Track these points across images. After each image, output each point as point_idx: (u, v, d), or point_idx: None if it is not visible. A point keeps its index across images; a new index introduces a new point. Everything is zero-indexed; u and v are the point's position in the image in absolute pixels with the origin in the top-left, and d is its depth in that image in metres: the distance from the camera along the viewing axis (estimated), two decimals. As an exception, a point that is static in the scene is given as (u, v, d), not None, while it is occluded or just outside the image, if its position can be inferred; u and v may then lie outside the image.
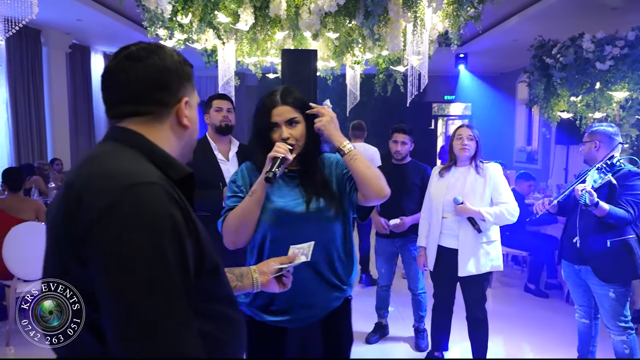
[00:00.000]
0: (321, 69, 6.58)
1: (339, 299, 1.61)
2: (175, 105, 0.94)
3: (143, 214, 0.74)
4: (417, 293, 3.28)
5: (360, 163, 1.52)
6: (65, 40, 7.20)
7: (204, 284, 0.84)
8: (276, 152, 1.47)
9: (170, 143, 0.94)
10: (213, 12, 3.90)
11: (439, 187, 2.76)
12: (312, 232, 1.51)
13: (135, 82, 0.90)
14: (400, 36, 4.24)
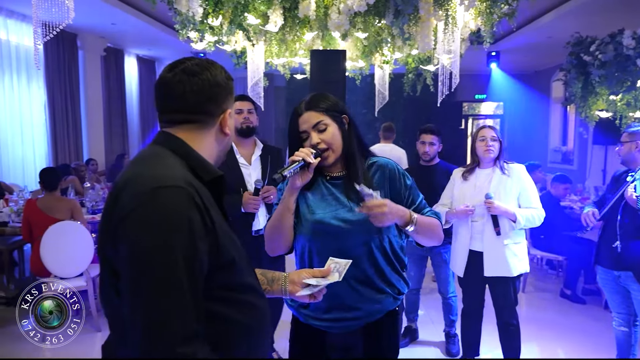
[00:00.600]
0: (350, 69, 6.55)
1: (381, 311, 1.52)
2: (220, 116, 1.07)
3: (161, 216, 0.86)
4: (447, 297, 3.22)
5: (423, 230, 1.50)
6: (100, 43, 7.41)
7: (222, 274, 0.95)
8: (295, 155, 1.42)
9: (212, 148, 1.08)
10: (243, 14, 3.93)
11: (465, 190, 2.70)
12: (357, 243, 1.46)
13: (190, 93, 1.02)
14: (431, 35, 4.17)
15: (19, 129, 6.02)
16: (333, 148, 1.47)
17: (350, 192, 1.48)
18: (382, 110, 9.64)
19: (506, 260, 2.57)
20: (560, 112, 9.60)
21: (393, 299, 1.54)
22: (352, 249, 1.45)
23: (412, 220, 1.46)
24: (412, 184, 1.57)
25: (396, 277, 1.55)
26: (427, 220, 1.51)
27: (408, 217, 1.46)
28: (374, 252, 1.48)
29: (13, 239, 4.41)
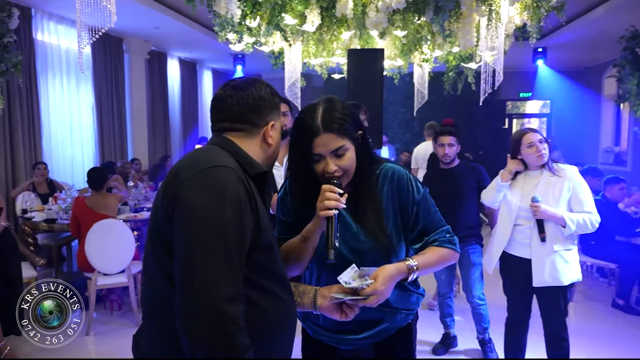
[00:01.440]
0: (388, 68, 6.45)
1: (391, 329, 1.43)
2: (264, 127, 1.19)
3: (216, 184, 0.99)
4: (476, 306, 3.04)
5: (425, 270, 1.36)
6: (144, 47, 7.65)
7: (258, 256, 1.05)
8: (327, 211, 1.23)
9: (255, 155, 1.18)
10: (280, 14, 3.93)
11: (511, 193, 2.55)
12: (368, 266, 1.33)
13: (236, 105, 1.17)
14: (473, 31, 4.02)
15: (68, 129, 6.29)
16: (349, 174, 1.33)
17: (361, 218, 1.36)
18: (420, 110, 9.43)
19: (556, 269, 2.41)
20: (613, 110, 9.09)
21: (405, 315, 1.45)
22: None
23: (410, 273, 1.31)
24: (422, 198, 1.39)
25: (407, 296, 1.43)
26: (430, 259, 1.35)
27: (406, 272, 1.31)
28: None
29: (62, 235, 4.60)
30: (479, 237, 3.03)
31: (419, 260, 1.34)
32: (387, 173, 1.39)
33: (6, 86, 4.95)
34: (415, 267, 1.32)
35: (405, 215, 1.38)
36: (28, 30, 5.35)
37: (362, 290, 1.23)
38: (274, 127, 1.21)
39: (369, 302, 1.24)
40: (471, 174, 3.00)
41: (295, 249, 1.34)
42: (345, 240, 1.35)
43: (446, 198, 2.98)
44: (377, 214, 1.35)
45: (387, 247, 1.35)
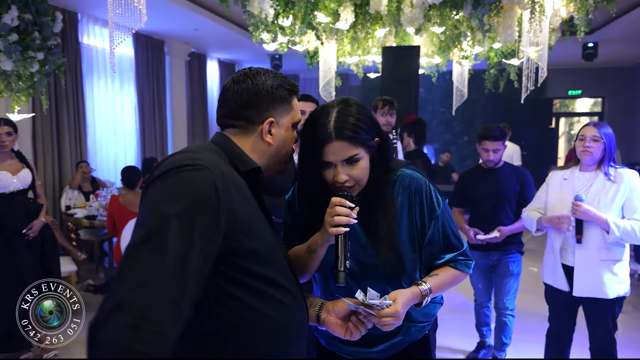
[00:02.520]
0: (425, 65, 6.29)
1: (405, 342, 1.34)
2: (260, 124, 1.10)
3: (178, 185, 0.91)
4: (505, 312, 2.87)
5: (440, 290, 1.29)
6: (185, 49, 7.84)
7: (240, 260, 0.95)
8: (336, 228, 1.12)
9: (254, 154, 1.11)
10: (312, 12, 3.89)
11: (561, 194, 2.38)
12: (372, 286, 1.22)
13: (231, 100, 1.10)
14: (515, 26, 3.84)
15: (112, 129, 6.54)
16: (361, 184, 1.22)
17: (368, 224, 1.25)
18: (460, 109, 9.14)
19: (601, 280, 2.23)
20: (672, 108, 8.49)
21: (421, 327, 1.36)
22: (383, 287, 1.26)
23: (424, 298, 1.24)
24: (442, 212, 1.27)
25: (426, 311, 1.33)
26: (443, 281, 1.28)
27: (419, 297, 1.23)
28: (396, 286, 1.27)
29: (103, 231, 4.77)
30: (519, 245, 2.87)
31: (432, 283, 1.26)
32: (405, 181, 1.28)
33: (53, 88, 5.19)
34: (428, 291, 1.24)
35: (422, 229, 1.28)
36: (74, 34, 5.60)
37: (380, 311, 1.15)
38: (275, 125, 1.11)
39: (384, 322, 1.15)
40: (515, 177, 2.83)
41: (301, 258, 1.26)
42: (352, 253, 1.23)
43: (485, 200, 2.85)
44: (389, 228, 1.24)
45: (396, 266, 1.25)
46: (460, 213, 2.99)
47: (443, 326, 3.64)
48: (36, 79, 3.64)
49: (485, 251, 2.86)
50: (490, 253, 2.86)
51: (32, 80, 3.63)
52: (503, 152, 2.80)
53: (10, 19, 3.22)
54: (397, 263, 1.24)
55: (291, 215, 1.35)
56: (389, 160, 1.29)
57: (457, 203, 3.01)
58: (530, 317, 3.00)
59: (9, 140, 3.07)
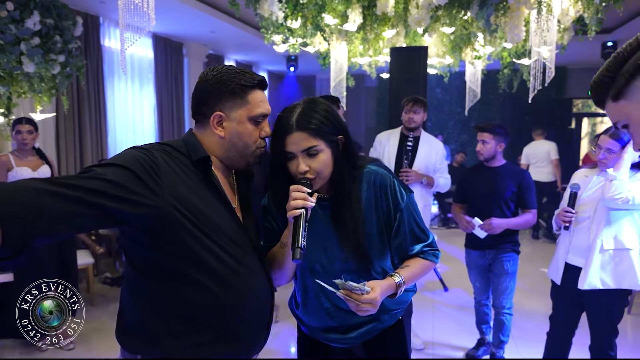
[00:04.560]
0: (438, 66, 6.30)
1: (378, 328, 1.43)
2: (210, 117, 1.18)
3: (119, 157, 1.09)
4: (502, 311, 2.89)
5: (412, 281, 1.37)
6: (203, 51, 8.03)
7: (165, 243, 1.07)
8: (294, 210, 1.19)
9: (213, 146, 1.21)
10: (320, 14, 3.98)
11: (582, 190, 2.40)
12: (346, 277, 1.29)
13: (193, 97, 1.22)
14: (522, 25, 3.84)
15: (131, 129, 6.76)
16: (321, 176, 1.28)
17: (337, 219, 1.33)
18: (477, 109, 9.09)
19: (608, 271, 2.23)
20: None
21: (392, 314, 1.44)
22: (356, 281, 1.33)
23: (399, 289, 1.31)
24: (406, 205, 1.34)
25: (398, 300, 1.39)
26: (415, 272, 1.35)
27: (394, 288, 1.30)
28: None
29: (120, 226, 4.95)
30: (515, 244, 2.88)
31: (406, 274, 1.33)
32: (370, 177, 1.35)
33: (76, 89, 5.41)
34: (402, 282, 1.31)
35: (389, 222, 1.35)
36: (96, 37, 5.83)
37: (360, 296, 1.21)
38: (225, 118, 1.18)
39: (361, 308, 1.21)
40: (514, 177, 2.85)
41: (276, 256, 1.32)
42: (325, 249, 1.34)
43: (482, 198, 2.89)
44: (355, 224, 1.31)
45: (361, 260, 1.32)
46: (461, 208, 3.03)
47: (444, 323, 3.69)
48: (57, 80, 3.83)
49: (481, 250, 2.90)
50: (486, 252, 2.89)
51: (54, 82, 3.82)
52: (494, 146, 2.83)
53: (32, 24, 3.41)
54: (361, 257, 1.32)
55: (268, 219, 1.40)
56: (355, 158, 1.35)
57: (458, 199, 3.07)
58: (531, 315, 3.01)
59: (29, 138, 3.27)
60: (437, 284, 4.54)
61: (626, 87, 0.86)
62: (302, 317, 1.48)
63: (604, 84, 0.89)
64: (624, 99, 0.88)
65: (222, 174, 1.25)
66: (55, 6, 3.67)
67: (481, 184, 2.89)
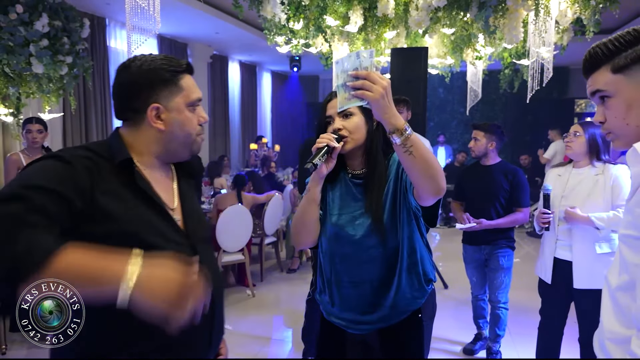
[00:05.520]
0: (440, 66, 6.36)
1: (396, 316, 1.46)
2: (146, 112, 1.08)
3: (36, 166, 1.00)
4: (498, 306, 2.95)
5: (420, 155, 1.19)
6: (207, 51, 8.12)
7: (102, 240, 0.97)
8: (319, 142, 1.33)
9: (150, 144, 1.11)
10: (322, 16, 4.05)
11: (555, 190, 2.47)
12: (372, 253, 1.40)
13: (115, 95, 1.10)
14: (520, 27, 3.90)
15: (137, 129, 6.86)
16: (353, 137, 1.38)
17: (372, 200, 1.42)
18: (480, 110, 9.13)
19: (599, 272, 2.27)
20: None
21: (409, 300, 1.46)
22: (368, 255, 1.42)
23: (403, 129, 1.16)
24: None
25: (415, 285, 1.46)
26: (427, 152, 1.23)
27: (401, 124, 1.17)
28: (390, 260, 1.42)
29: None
30: (509, 240, 2.95)
31: (415, 136, 1.20)
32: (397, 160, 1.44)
33: (82, 89, 5.52)
34: (408, 131, 1.18)
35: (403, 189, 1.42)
36: (103, 38, 5.93)
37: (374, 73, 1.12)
38: (163, 110, 1.08)
39: (366, 86, 1.11)
40: (505, 176, 2.92)
41: (299, 207, 1.45)
42: (354, 220, 1.43)
43: (477, 196, 2.96)
44: (380, 189, 1.41)
45: (379, 220, 1.40)
46: (460, 205, 3.11)
47: (443, 319, 3.74)
48: (65, 81, 3.93)
49: (477, 245, 2.96)
50: (482, 247, 2.96)
51: (62, 82, 3.92)
52: (485, 144, 2.90)
53: (41, 26, 3.50)
54: (379, 216, 1.41)
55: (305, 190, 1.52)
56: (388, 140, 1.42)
57: (456, 197, 3.16)
58: (528, 311, 3.07)
59: (39, 137, 3.37)
60: (437, 281, 4.61)
61: (632, 65, 0.90)
62: (323, 298, 1.54)
63: (610, 51, 0.91)
64: (622, 74, 0.91)
65: (158, 173, 1.15)
66: (63, 8, 3.77)
67: (476, 182, 2.97)
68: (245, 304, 4.15)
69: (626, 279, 0.91)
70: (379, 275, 1.43)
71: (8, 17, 3.38)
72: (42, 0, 3.57)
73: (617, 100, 0.93)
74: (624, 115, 0.93)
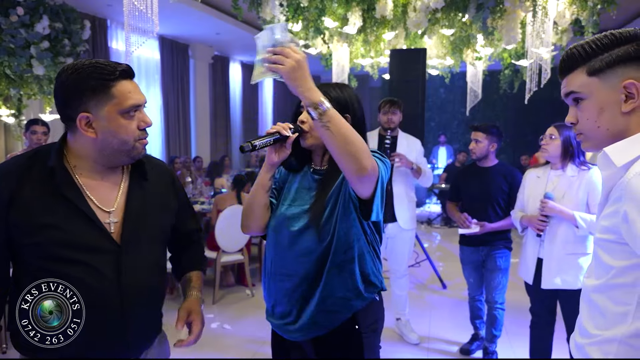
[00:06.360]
0: (440, 67, 6.38)
1: (325, 317, 1.36)
2: (77, 121, 1.10)
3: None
4: (494, 306, 2.96)
5: (337, 130, 1.14)
6: (208, 52, 8.16)
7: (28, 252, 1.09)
8: (272, 128, 1.31)
9: (86, 150, 1.14)
10: (320, 17, 4.08)
11: (533, 191, 2.50)
12: (312, 250, 1.34)
13: (55, 101, 1.15)
14: (518, 28, 3.92)
15: (138, 129, 6.90)
16: (314, 133, 1.34)
17: (322, 195, 1.37)
18: (480, 110, 9.12)
19: (568, 272, 2.32)
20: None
21: (336, 300, 1.35)
22: (303, 248, 1.36)
23: (318, 103, 1.13)
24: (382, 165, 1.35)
25: (348, 285, 1.35)
26: (347, 127, 1.17)
27: (316, 98, 1.13)
28: (323, 255, 1.34)
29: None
30: (507, 241, 2.96)
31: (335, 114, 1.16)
32: None
33: (84, 90, 5.56)
34: (326, 105, 1.14)
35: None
36: (104, 39, 5.97)
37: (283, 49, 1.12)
38: (92, 118, 1.09)
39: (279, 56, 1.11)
40: (503, 177, 2.93)
41: (250, 194, 1.43)
42: (303, 212, 1.38)
43: (475, 197, 2.97)
44: (330, 185, 1.37)
45: (318, 215, 1.35)
46: (456, 205, 3.12)
47: (440, 319, 3.77)
48: (66, 82, 3.97)
49: (474, 246, 2.98)
50: (479, 248, 2.97)
51: (63, 84, 3.96)
52: (486, 146, 2.91)
53: (42, 28, 3.54)
54: (318, 214, 1.36)
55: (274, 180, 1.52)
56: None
57: (452, 197, 3.16)
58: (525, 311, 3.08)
59: (44, 139, 3.42)
60: (435, 281, 4.63)
61: (607, 69, 0.90)
62: (265, 298, 1.49)
63: (587, 54, 0.92)
64: (597, 78, 0.92)
65: (100, 175, 1.17)
66: (64, 10, 3.81)
67: (474, 184, 2.97)
68: (245, 304, 4.18)
69: (603, 281, 0.92)
70: (311, 269, 1.36)
71: (9, 20, 3.42)
72: (42, 2, 3.61)
73: (590, 103, 0.94)
74: (596, 118, 0.94)
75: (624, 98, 0.90)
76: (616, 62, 0.90)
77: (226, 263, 4.29)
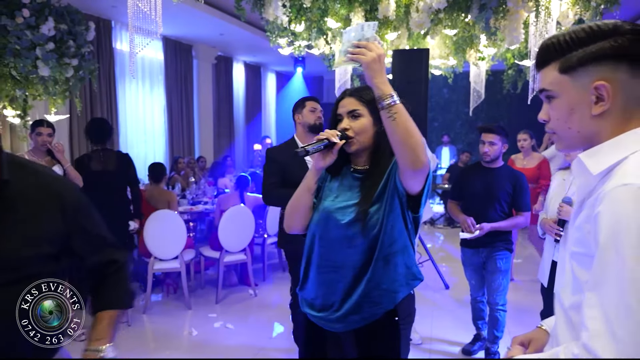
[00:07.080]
0: (443, 67, 6.37)
1: (369, 318, 1.42)
2: None
3: None
4: (496, 308, 2.96)
5: (402, 122, 1.27)
6: (211, 52, 8.18)
7: None
8: (321, 135, 1.41)
9: None
10: (323, 18, 4.09)
11: (557, 194, 2.48)
12: (357, 242, 1.40)
13: None
14: (521, 28, 3.92)
15: (142, 129, 6.94)
16: (359, 138, 1.43)
17: (366, 193, 1.43)
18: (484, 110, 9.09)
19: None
20: None
21: (382, 292, 1.42)
22: (351, 241, 1.41)
23: (390, 96, 1.27)
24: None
25: (391, 277, 1.42)
26: (410, 121, 1.29)
27: (388, 90, 1.27)
28: (370, 248, 1.41)
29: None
30: (507, 243, 2.95)
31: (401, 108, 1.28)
32: None
33: (88, 90, 5.59)
34: (395, 98, 1.28)
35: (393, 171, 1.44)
36: (108, 41, 6.01)
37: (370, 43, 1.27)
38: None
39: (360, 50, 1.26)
40: (509, 180, 2.91)
41: (295, 195, 1.51)
42: (347, 207, 1.44)
43: (478, 197, 2.96)
44: (376, 182, 1.43)
45: (366, 209, 1.41)
46: (457, 205, 3.11)
47: (442, 319, 3.78)
48: (71, 83, 3.99)
49: (475, 248, 2.98)
50: (480, 250, 2.97)
51: (68, 85, 3.99)
52: (500, 148, 2.89)
53: (47, 29, 3.57)
54: (363, 215, 1.42)
55: None
56: None
57: (454, 196, 3.15)
58: (527, 312, 3.09)
59: (49, 140, 3.45)
60: (438, 282, 4.63)
61: (579, 67, 0.83)
62: (303, 289, 1.54)
63: (562, 48, 0.85)
64: (569, 76, 0.84)
65: None
66: (69, 12, 3.83)
67: (478, 184, 2.95)
68: (248, 304, 4.19)
69: (579, 298, 0.86)
70: (357, 261, 1.42)
71: (15, 21, 3.45)
72: (48, 4, 3.63)
73: (560, 102, 0.87)
74: (566, 118, 0.87)
75: (595, 100, 0.83)
76: (589, 61, 0.82)
77: (229, 263, 4.31)
